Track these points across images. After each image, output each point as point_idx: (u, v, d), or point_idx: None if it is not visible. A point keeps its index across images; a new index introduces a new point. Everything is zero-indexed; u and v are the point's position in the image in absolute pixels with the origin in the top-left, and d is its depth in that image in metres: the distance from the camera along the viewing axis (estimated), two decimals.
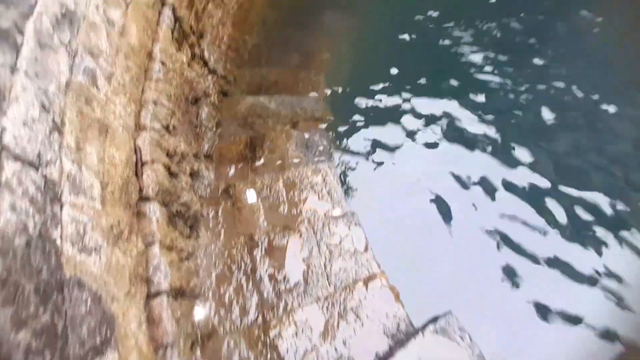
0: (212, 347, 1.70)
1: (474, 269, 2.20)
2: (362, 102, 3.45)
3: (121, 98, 1.82)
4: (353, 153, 3.07)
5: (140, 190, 1.79)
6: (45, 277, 0.98)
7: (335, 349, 1.71)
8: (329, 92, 3.46)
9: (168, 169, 2.05)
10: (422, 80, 3.57)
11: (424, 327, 1.61)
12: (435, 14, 4.07)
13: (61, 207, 1.16)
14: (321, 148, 3.01)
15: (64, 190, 1.21)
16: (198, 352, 1.67)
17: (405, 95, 3.45)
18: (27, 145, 1.08)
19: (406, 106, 3.37)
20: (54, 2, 1.38)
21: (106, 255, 1.32)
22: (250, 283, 2.02)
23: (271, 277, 2.03)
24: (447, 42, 3.84)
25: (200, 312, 1.87)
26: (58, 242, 1.09)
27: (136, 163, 1.82)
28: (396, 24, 4.08)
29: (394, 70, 3.65)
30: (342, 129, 3.20)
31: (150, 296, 1.56)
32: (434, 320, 1.61)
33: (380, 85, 3.59)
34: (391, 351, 1.55)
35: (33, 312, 0.88)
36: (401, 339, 1.68)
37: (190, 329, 1.70)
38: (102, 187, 1.45)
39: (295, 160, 2.88)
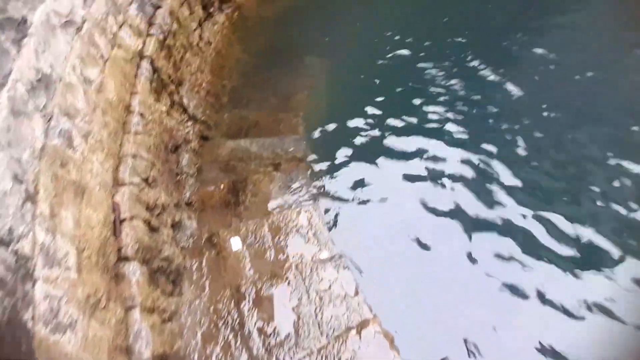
0: None
1: (467, 307, 2.18)
2: (342, 139, 3.50)
3: (98, 155, 1.78)
4: (337, 192, 3.07)
5: (119, 249, 1.71)
6: None
7: None
8: (308, 131, 3.51)
9: (148, 223, 1.99)
10: (400, 115, 3.67)
11: None
12: (409, 47, 4.27)
13: (34, 283, 1.09)
14: (305, 189, 3.01)
15: (37, 264, 1.14)
16: None
17: (384, 130, 3.53)
18: None
19: (386, 141, 3.44)
20: (30, 69, 1.37)
21: (82, 329, 1.23)
22: (239, 340, 1.92)
23: (260, 331, 1.94)
24: (421, 75, 4.02)
25: None
26: (29, 324, 1.01)
27: (114, 221, 1.76)
28: (370, 60, 4.26)
29: (371, 106, 3.76)
30: (324, 168, 3.22)
31: None
32: None
33: (359, 122, 3.67)
34: None
35: None
36: None
37: None
38: (78, 253, 1.37)
39: (279, 203, 2.86)
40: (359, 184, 3.08)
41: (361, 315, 2.03)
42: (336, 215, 2.85)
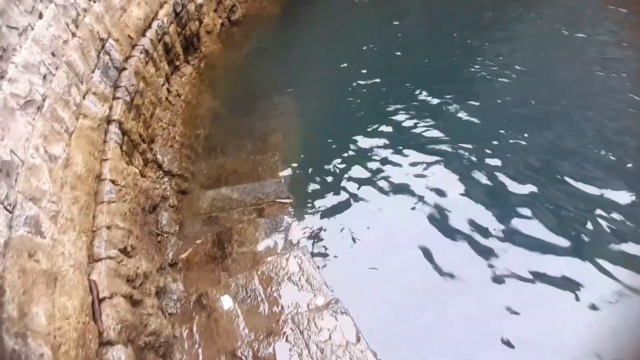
0: None
1: (472, 338, 2.13)
2: (320, 176, 3.50)
3: (70, 234, 1.68)
4: (325, 230, 3.02)
5: (100, 334, 1.59)
6: None
7: None
8: (287, 172, 3.49)
9: (130, 298, 1.87)
10: (373, 142, 3.72)
11: None
12: (372, 77, 4.40)
13: None
14: (291, 232, 2.95)
15: None
16: None
17: (360, 159, 3.56)
18: None
19: (363, 170, 3.45)
20: None
21: None
22: None
23: None
24: (387, 100, 4.11)
25: None
26: None
27: (92, 303, 1.64)
28: (337, 93, 4.36)
29: (344, 138, 3.79)
30: (307, 207, 3.19)
31: None
32: None
33: (335, 155, 3.68)
34: None
35: None
36: None
37: None
38: (54, 351, 1.26)
39: (268, 251, 2.78)
40: (344, 219, 3.05)
41: None
42: (326, 256, 2.79)
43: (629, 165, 3.10)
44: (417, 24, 5.34)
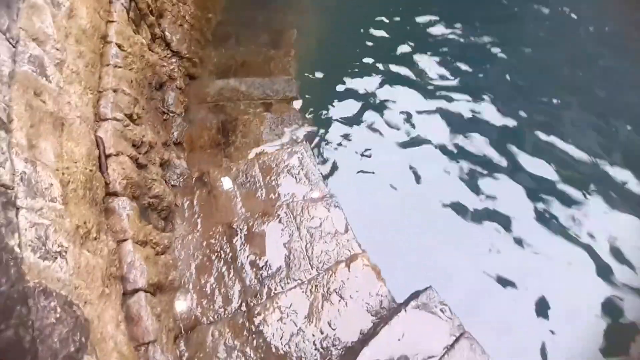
0: (197, 338, 1.68)
1: (451, 243, 2.27)
2: (334, 81, 3.37)
3: (76, 87, 1.68)
4: (329, 133, 3.02)
5: (107, 185, 1.69)
6: (5, 290, 0.91)
7: (321, 331, 1.74)
8: (300, 70, 3.36)
9: (135, 160, 1.95)
10: (392, 60, 3.50)
11: (405, 303, 1.64)
12: None
13: (17, 212, 1.08)
14: (296, 130, 2.95)
15: (18, 193, 1.11)
16: (182, 345, 1.65)
17: (376, 74, 3.39)
18: None
19: (377, 86, 3.31)
20: None
21: (73, 257, 1.24)
22: (232, 271, 1.99)
23: (252, 264, 2.01)
24: (424, 17, 3.77)
25: (182, 304, 1.84)
26: (17, 250, 1.01)
27: (99, 157, 1.71)
28: (366, 3, 3.97)
29: (365, 49, 3.57)
30: (316, 108, 3.13)
31: (126, 294, 1.51)
32: (416, 295, 1.65)
33: (352, 60, 3.51)
34: (375, 329, 1.58)
35: None
36: (384, 315, 1.71)
37: (172, 324, 1.67)
38: (63, 186, 1.35)
39: (270, 144, 2.82)
40: (351, 124, 3.02)
41: (350, 251, 2.10)
42: (327, 156, 2.83)
43: None
44: None
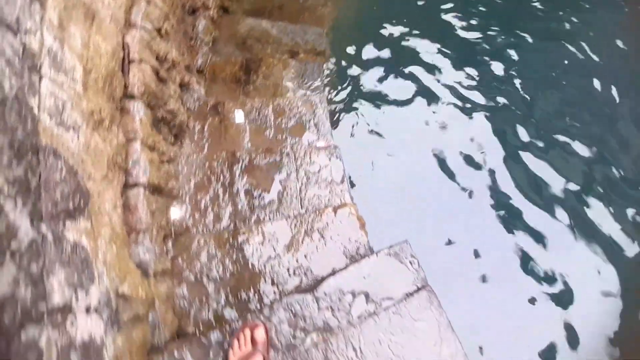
0: (184, 242, 1.83)
1: (447, 220, 2.32)
2: (367, 44, 3.33)
3: None
4: (348, 92, 3.04)
5: (126, 87, 1.80)
6: (20, 137, 1.03)
7: (297, 260, 1.86)
8: (334, 26, 3.33)
9: (156, 72, 2.04)
10: (435, 36, 3.39)
11: (379, 251, 1.74)
12: None
13: (40, 78, 1.19)
14: (316, 82, 2.97)
15: (43, 63, 1.22)
16: (170, 244, 1.80)
17: (415, 47, 3.31)
18: (5, 7, 1.07)
19: (412, 58, 3.24)
20: None
21: (85, 136, 1.37)
22: (227, 195, 2.12)
23: (247, 193, 2.13)
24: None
25: (177, 212, 1.99)
26: (35, 110, 1.13)
27: (123, 59, 1.81)
28: None
29: (409, 20, 3.45)
30: (341, 66, 3.14)
31: (127, 186, 1.65)
32: (390, 247, 1.74)
33: (392, 32, 3.43)
34: (346, 267, 1.69)
35: (6, 162, 0.95)
36: (358, 260, 1.81)
37: (164, 223, 1.82)
38: (85, 72, 1.46)
39: (288, 90, 2.86)
40: (372, 90, 3.03)
41: (341, 200, 2.19)
42: (341, 114, 2.88)
43: None
44: None
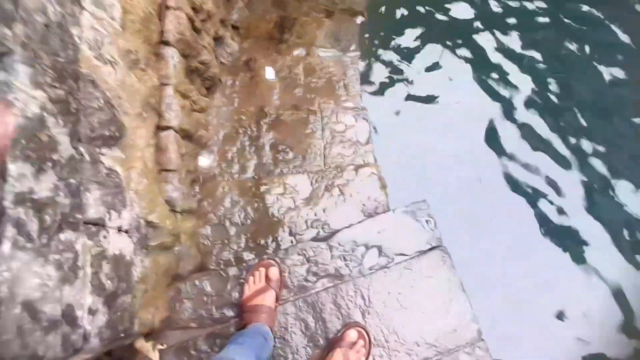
0: (209, 187, 1.93)
1: (474, 195, 2.26)
2: (408, 7, 3.17)
3: None
4: (382, 56, 2.95)
5: (162, 33, 1.86)
6: (62, 62, 1.11)
7: (315, 214, 1.91)
8: None
9: (192, 22, 2.08)
10: (488, 18, 3.12)
11: (396, 208, 1.74)
12: None
13: (81, 10, 1.26)
14: (351, 44, 2.90)
15: None
16: (197, 188, 1.90)
17: (466, 12, 3.08)
18: None
19: (458, 25, 3.03)
20: None
21: (121, 74, 1.45)
22: (253, 148, 2.18)
23: (272, 147, 2.18)
24: None
25: (205, 161, 2.08)
26: (76, 39, 1.21)
27: (160, 6, 1.86)
28: None
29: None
30: (377, 30, 3.03)
31: (160, 128, 1.74)
32: (408, 205, 1.73)
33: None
34: (362, 221, 1.71)
35: (49, 81, 1.03)
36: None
37: (193, 168, 1.92)
38: (124, 12, 1.52)
39: (321, 50, 2.82)
40: (408, 57, 2.91)
41: (364, 161, 2.18)
42: (373, 78, 2.81)
43: None
44: None
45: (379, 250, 1.60)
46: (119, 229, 1.27)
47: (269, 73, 2.53)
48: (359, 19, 3.06)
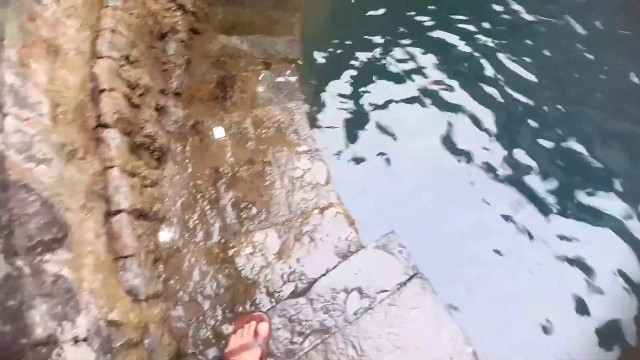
0: (174, 263, 1.83)
1: (437, 210, 2.31)
2: (339, 48, 3.38)
3: (73, 22, 1.78)
4: (325, 96, 3.08)
5: (99, 116, 1.81)
6: None
7: (289, 266, 1.85)
8: (304, 34, 3.38)
9: (129, 99, 2.06)
10: (408, 36, 3.42)
11: (367, 245, 1.73)
12: None
13: (4, 116, 1.20)
14: (292, 90, 3.00)
15: (6, 101, 1.23)
16: (161, 267, 1.79)
17: (389, 49, 3.34)
18: None
19: (386, 61, 3.27)
20: None
21: (58, 169, 1.37)
22: (214, 211, 2.12)
23: (234, 206, 2.13)
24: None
25: (166, 235, 1.99)
26: (1, 147, 1.14)
27: (93, 90, 1.83)
28: None
29: (379, 22, 3.50)
30: (316, 72, 3.18)
31: (110, 214, 1.65)
32: (377, 239, 1.73)
33: (363, 33, 3.47)
34: (336, 266, 1.68)
35: None
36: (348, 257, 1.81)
37: (153, 247, 1.81)
38: (52, 106, 1.47)
39: (265, 101, 2.89)
40: (349, 93, 3.06)
41: (328, 201, 2.19)
42: (320, 118, 2.90)
43: None
44: None
45: (359, 292, 1.57)
46: (75, 340, 1.14)
47: (218, 132, 2.52)
48: (297, 66, 3.20)
